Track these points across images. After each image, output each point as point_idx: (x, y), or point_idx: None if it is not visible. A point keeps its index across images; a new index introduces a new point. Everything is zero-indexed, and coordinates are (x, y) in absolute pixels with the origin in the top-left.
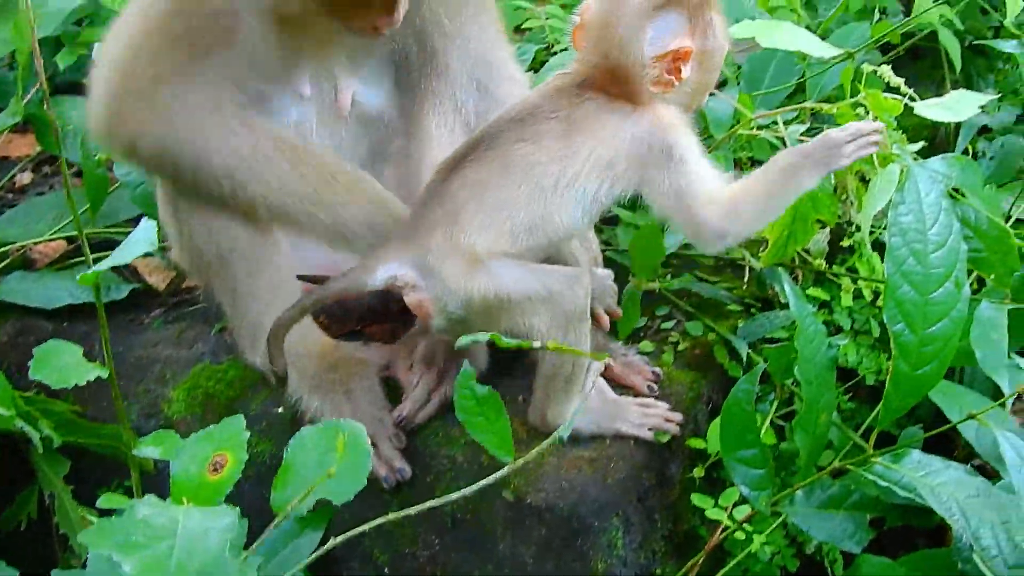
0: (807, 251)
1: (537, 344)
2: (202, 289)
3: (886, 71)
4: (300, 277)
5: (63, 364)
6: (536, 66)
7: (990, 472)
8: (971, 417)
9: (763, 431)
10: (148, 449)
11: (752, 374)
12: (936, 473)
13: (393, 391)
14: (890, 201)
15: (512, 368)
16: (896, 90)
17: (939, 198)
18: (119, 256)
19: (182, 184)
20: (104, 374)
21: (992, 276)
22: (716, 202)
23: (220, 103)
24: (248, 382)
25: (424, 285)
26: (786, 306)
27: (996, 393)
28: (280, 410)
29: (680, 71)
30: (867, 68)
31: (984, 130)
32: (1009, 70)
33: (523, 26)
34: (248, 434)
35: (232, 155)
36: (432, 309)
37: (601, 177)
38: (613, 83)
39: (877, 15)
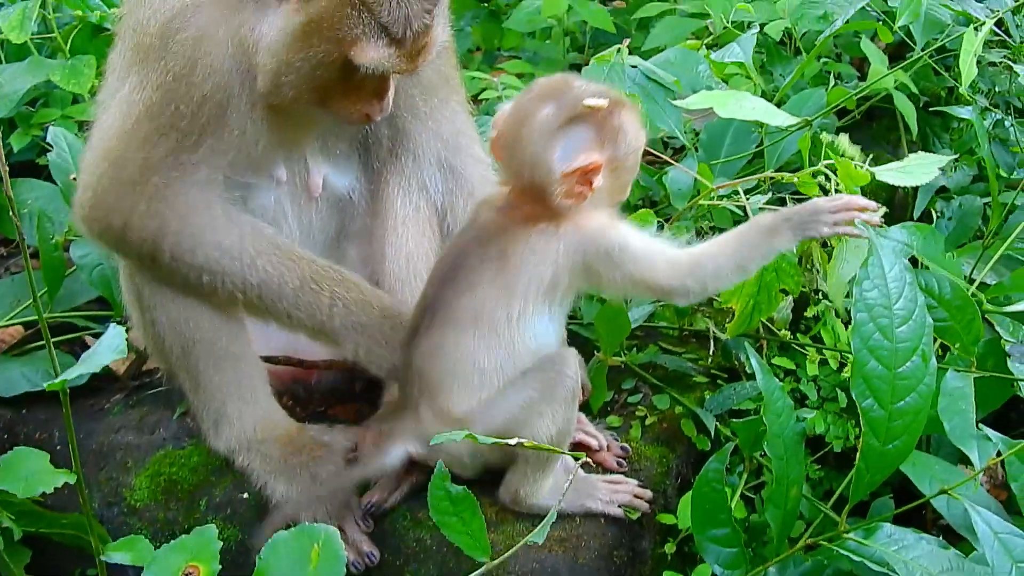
0: (771, 320)
1: (512, 441)
2: (164, 372)
3: (844, 141)
4: (265, 359)
5: (30, 472)
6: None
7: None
8: (944, 492)
9: (733, 504)
10: (118, 555)
11: (722, 452)
12: (909, 547)
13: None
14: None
15: None
16: (851, 159)
17: (903, 271)
18: (90, 363)
19: (159, 271)
20: (71, 479)
21: (957, 345)
22: (678, 264)
23: (209, 197)
24: (211, 468)
25: (431, 455)
26: (752, 376)
27: (962, 458)
28: (245, 496)
29: (591, 183)
30: (826, 137)
31: (942, 190)
32: (964, 130)
33: (479, 96)
34: (220, 544)
35: (216, 250)
36: (454, 468)
37: (550, 297)
38: (532, 201)
39: (832, 80)
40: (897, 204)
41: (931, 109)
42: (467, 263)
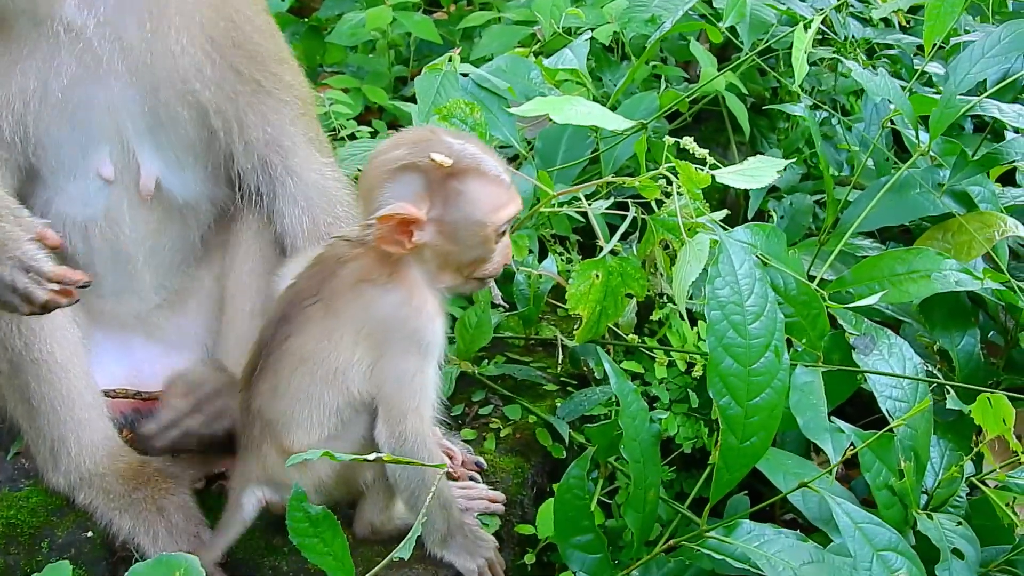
0: (617, 326)
1: (372, 456)
2: None
3: (690, 143)
4: (107, 393)
5: None
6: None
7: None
8: (804, 486)
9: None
10: None
11: (583, 459)
12: (769, 542)
13: (207, 504)
14: (705, 271)
15: None
16: (702, 161)
17: (752, 268)
18: None
19: None
20: None
21: (804, 340)
22: (413, 416)
23: None
24: (52, 507)
25: (282, 497)
26: (602, 381)
27: (810, 451)
28: (89, 534)
29: (410, 236)
30: (669, 140)
31: (773, 190)
32: (790, 130)
33: None
34: None
35: None
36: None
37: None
38: (367, 245)
39: (663, 84)
40: (730, 206)
41: (763, 108)
42: (302, 302)
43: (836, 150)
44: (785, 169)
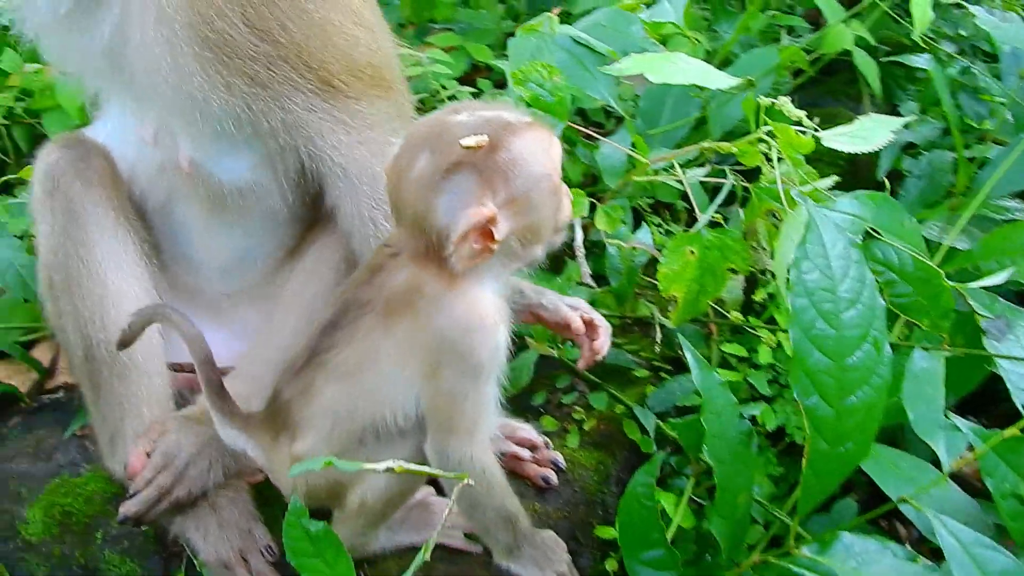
0: (721, 303)
1: (381, 466)
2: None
3: (786, 103)
4: (171, 366)
5: None
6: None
7: None
8: (903, 501)
9: (680, 512)
10: None
11: (651, 463)
12: (870, 561)
13: (263, 500)
14: None
15: None
16: (801, 123)
17: (848, 248)
18: None
19: None
20: None
21: (925, 321)
22: (466, 439)
23: None
24: (108, 496)
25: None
26: None
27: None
28: (143, 527)
29: (491, 235)
30: (765, 101)
31: (909, 147)
32: (929, 80)
33: (409, 75)
34: None
35: None
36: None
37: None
38: (426, 253)
39: (784, 36)
40: (861, 168)
41: (889, 60)
42: (353, 310)
43: (980, 101)
44: (923, 122)
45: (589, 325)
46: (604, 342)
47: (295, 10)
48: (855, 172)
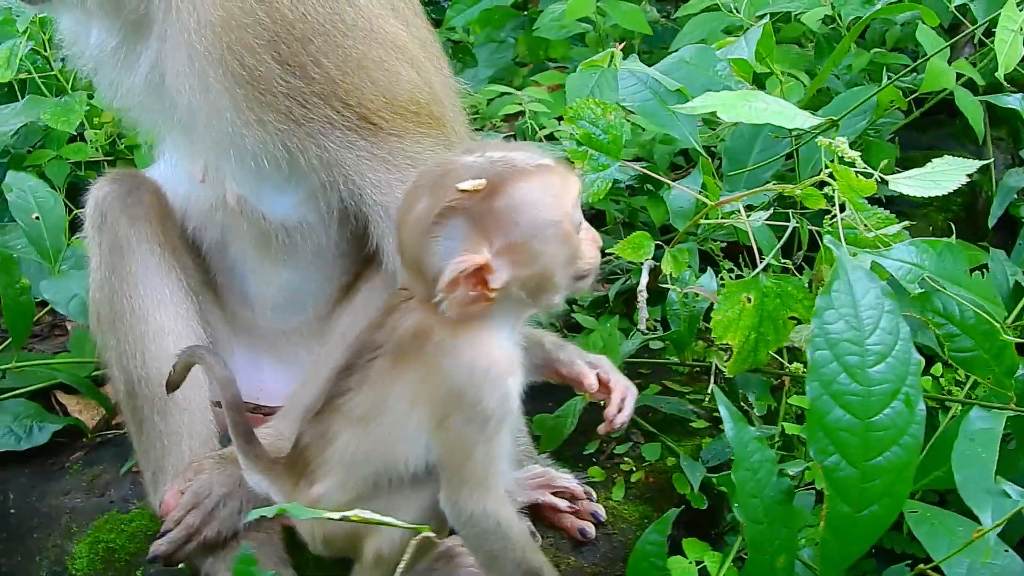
0: (798, 353)
1: (381, 520)
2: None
3: (841, 144)
4: (216, 403)
5: None
6: None
7: None
8: (934, 567)
9: (723, 572)
10: None
11: (662, 522)
12: None
13: (295, 544)
14: None
15: None
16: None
17: (880, 298)
18: None
19: None
20: None
21: (988, 379)
22: (479, 490)
23: None
24: (151, 533)
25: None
26: (763, 420)
27: None
28: (180, 566)
29: (486, 284)
30: (823, 141)
31: None
32: None
33: (509, 113)
34: None
35: None
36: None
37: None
38: (427, 297)
39: (884, 74)
40: (979, 211)
41: (982, 99)
42: (365, 354)
43: None
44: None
45: (604, 385)
46: (625, 408)
47: (330, 46)
48: (970, 219)
